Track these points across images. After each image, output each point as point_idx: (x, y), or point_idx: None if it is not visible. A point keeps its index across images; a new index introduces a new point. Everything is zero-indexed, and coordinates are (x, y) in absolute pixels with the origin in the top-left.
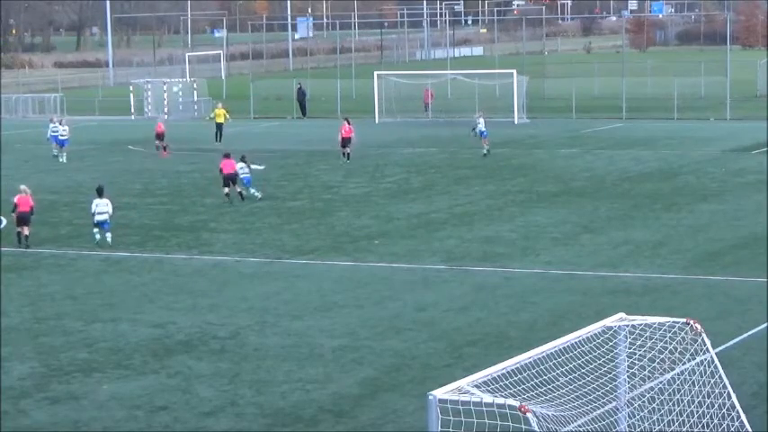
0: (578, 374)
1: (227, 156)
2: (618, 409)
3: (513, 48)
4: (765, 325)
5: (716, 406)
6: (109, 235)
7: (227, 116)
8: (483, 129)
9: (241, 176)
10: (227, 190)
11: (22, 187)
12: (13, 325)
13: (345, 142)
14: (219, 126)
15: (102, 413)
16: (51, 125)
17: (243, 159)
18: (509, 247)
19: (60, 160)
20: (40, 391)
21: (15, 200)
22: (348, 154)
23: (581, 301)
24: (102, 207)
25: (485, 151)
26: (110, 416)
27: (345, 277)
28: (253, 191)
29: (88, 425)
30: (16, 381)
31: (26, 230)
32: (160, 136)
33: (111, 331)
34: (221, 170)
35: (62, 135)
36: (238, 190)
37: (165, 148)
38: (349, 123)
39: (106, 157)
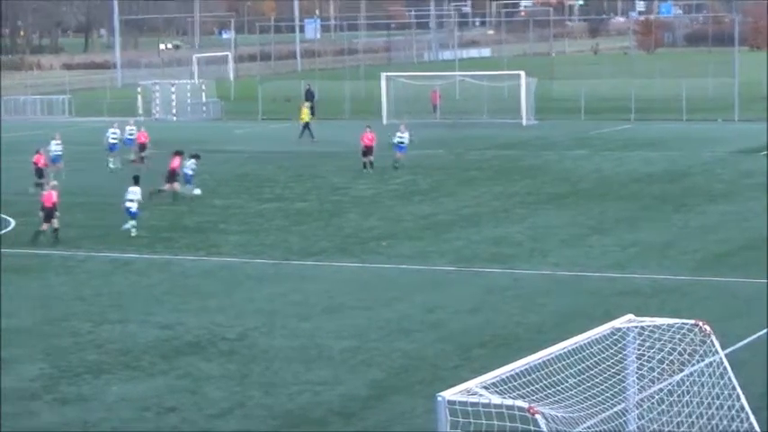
0: (587, 376)
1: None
2: (627, 411)
3: (521, 49)
4: None
5: (725, 407)
6: (133, 223)
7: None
8: (404, 142)
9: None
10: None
11: (52, 183)
12: (22, 326)
13: (367, 151)
14: (306, 125)
15: (111, 414)
16: (128, 128)
17: (195, 156)
18: (517, 249)
19: (111, 166)
20: (49, 393)
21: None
22: (371, 163)
23: (589, 302)
24: (130, 195)
25: (396, 165)
26: (119, 417)
27: (353, 279)
28: (193, 189)
29: (97, 426)
30: (26, 382)
31: (55, 223)
32: (143, 147)
33: (120, 333)
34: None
35: (113, 139)
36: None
37: (142, 159)
38: (371, 131)
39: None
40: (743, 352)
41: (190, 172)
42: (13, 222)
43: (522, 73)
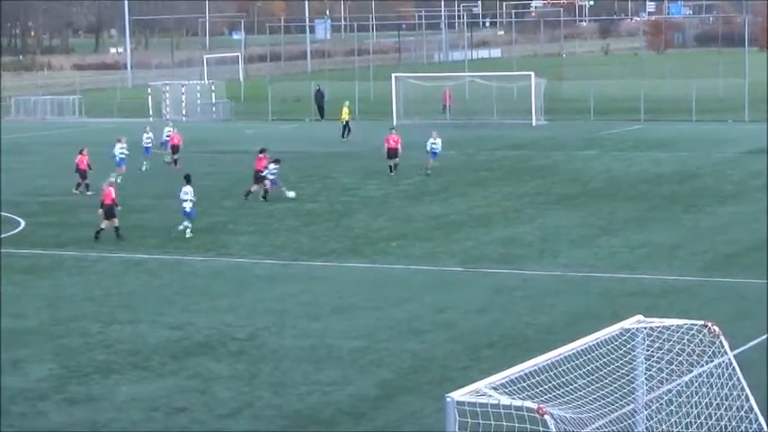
0: (596, 377)
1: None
2: (636, 412)
3: (531, 50)
4: None
5: (734, 408)
6: (187, 224)
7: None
8: (436, 149)
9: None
10: (255, 187)
11: (109, 180)
12: (31, 327)
13: (392, 154)
14: (346, 124)
15: (121, 414)
16: (166, 129)
17: (275, 161)
18: (527, 249)
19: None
20: (58, 393)
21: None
22: (395, 166)
23: (599, 303)
24: (184, 194)
25: (428, 171)
26: (128, 417)
27: (363, 279)
28: (285, 191)
29: (106, 426)
30: (35, 382)
31: (115, 222)
32: (176, 148)
33: (130, 333)
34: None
35: (146, 142)
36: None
37: (175, 161)
38: (395, 133)
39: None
40: (752, 353)
41: (271, 176)
42: (22, 223)
43: (532, 73)
